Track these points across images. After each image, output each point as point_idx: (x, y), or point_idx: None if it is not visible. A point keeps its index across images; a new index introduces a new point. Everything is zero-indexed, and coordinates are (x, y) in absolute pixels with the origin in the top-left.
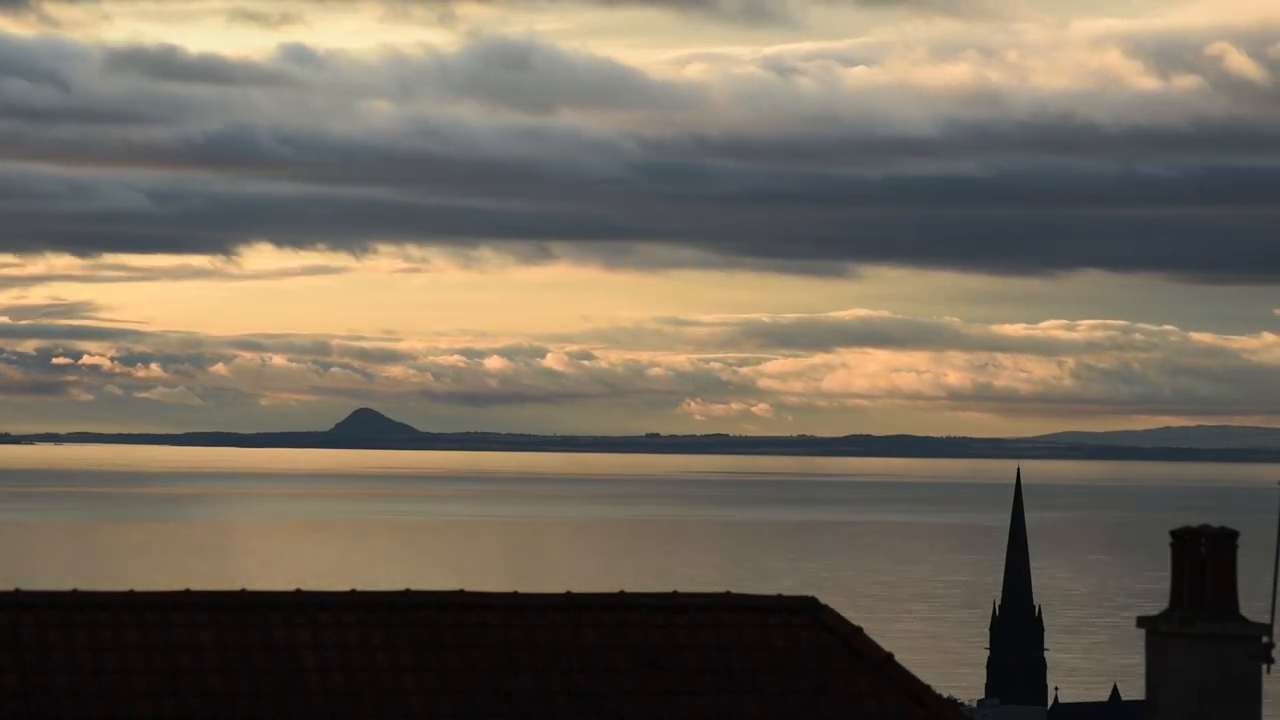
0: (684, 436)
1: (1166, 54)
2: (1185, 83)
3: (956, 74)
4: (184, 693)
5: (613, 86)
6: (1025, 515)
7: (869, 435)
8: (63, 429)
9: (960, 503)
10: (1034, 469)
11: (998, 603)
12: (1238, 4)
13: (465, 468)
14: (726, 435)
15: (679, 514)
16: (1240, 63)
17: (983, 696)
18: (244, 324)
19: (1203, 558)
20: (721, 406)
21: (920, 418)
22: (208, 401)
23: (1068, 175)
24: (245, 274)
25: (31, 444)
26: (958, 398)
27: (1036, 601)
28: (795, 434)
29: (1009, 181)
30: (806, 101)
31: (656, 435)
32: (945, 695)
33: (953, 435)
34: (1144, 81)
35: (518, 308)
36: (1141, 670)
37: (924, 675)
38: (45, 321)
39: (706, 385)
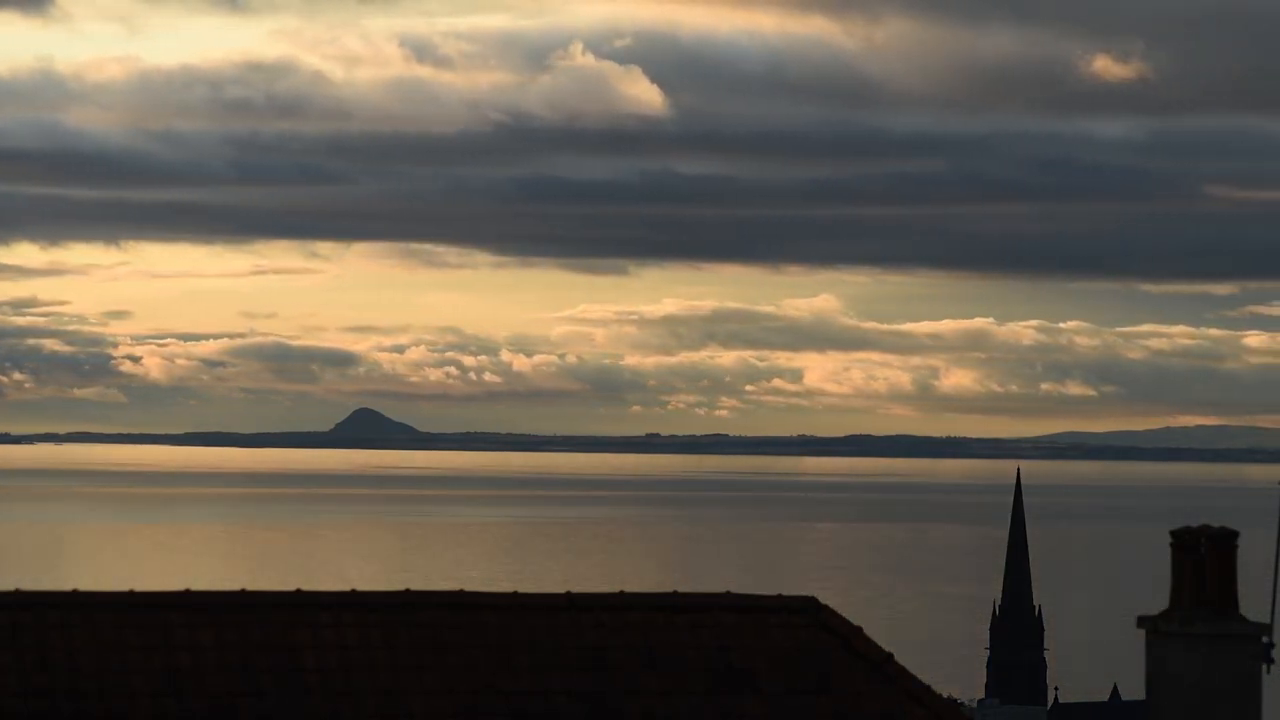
0: (684, 436)
1: (537, 53)
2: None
3: (379, 75)
4: (184, 693)
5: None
6: (1025, 516)
7: (869, 435)
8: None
9: (960, 504)
10: (1034, 469)
11: (998, 603)
12: (584, 6)
13: (466, 468)
14: (726, 435)
15: (678, 514)
16: (584, 62)
17: (983, 696)
18: (145, 323)
19: (1203, 558)
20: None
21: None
22: (131, 399)
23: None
24: (54, 271)
25: (32, 444)
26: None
27: (1036, 601)
28: (795, 434)
29: (644, 181)
30: (323, 99)
31: (657, 435)
32: (945, 695)
33: (952, 435)
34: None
35: (395, 306)
36: (1141, 670)
37: (924, 675)
38: None
39: (605, 383)
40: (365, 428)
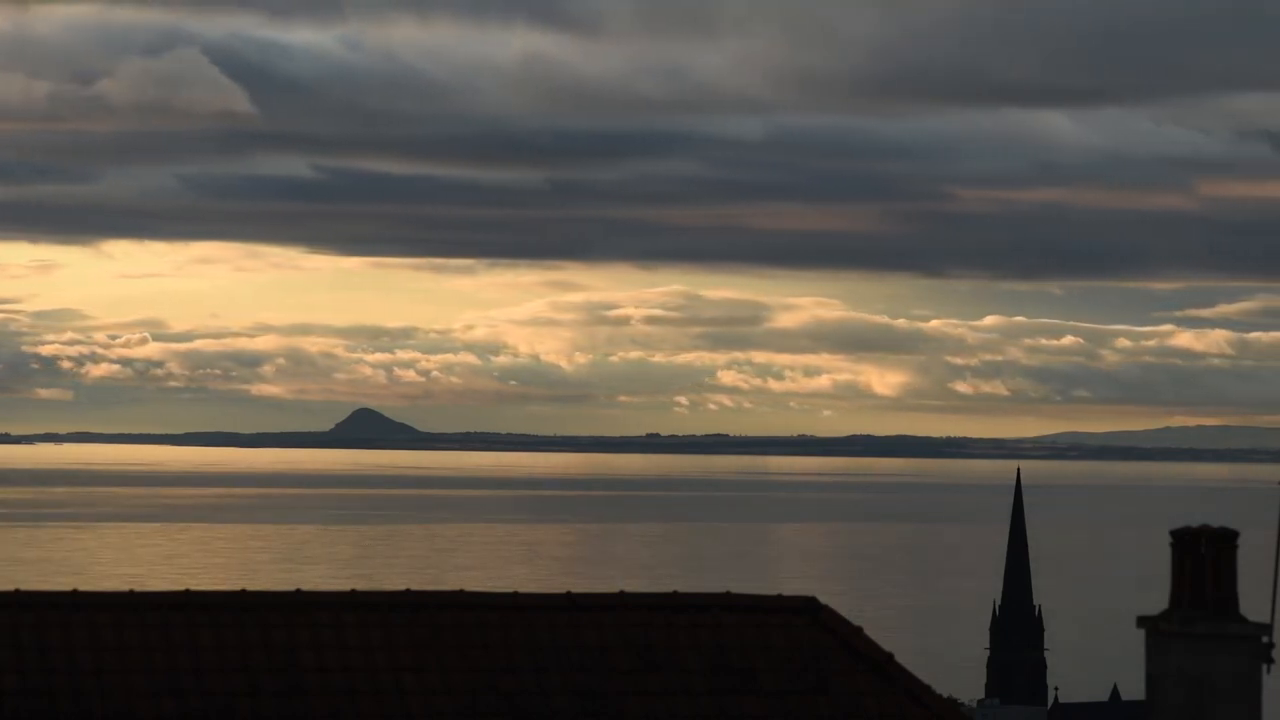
0: (684, 436)
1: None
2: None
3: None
4: (184, 693)
5: None
6: (1025, 516)
7: (869, 435)
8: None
9: (960, 504)
10: (1034, 469)
11: (998, 603)
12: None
13: (466, 468)
14: (726, 435)
15: (677, 514)
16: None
17: (983, 696)
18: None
19: (1203, 558)
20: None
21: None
22: (79, 398)
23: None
24: None
25: (32, 444)
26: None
27: (1036, 601)
28: (795, 434)
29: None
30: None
31: (656, 435)
32: (945, 695)
33: (952, 435)
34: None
35: (287, 308)
36: (1141, 670)
37: (924, 675)
38: None
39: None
40: (365, 428)
